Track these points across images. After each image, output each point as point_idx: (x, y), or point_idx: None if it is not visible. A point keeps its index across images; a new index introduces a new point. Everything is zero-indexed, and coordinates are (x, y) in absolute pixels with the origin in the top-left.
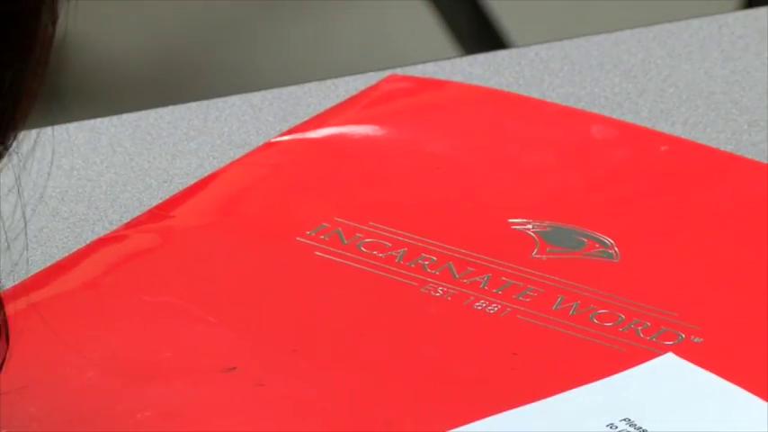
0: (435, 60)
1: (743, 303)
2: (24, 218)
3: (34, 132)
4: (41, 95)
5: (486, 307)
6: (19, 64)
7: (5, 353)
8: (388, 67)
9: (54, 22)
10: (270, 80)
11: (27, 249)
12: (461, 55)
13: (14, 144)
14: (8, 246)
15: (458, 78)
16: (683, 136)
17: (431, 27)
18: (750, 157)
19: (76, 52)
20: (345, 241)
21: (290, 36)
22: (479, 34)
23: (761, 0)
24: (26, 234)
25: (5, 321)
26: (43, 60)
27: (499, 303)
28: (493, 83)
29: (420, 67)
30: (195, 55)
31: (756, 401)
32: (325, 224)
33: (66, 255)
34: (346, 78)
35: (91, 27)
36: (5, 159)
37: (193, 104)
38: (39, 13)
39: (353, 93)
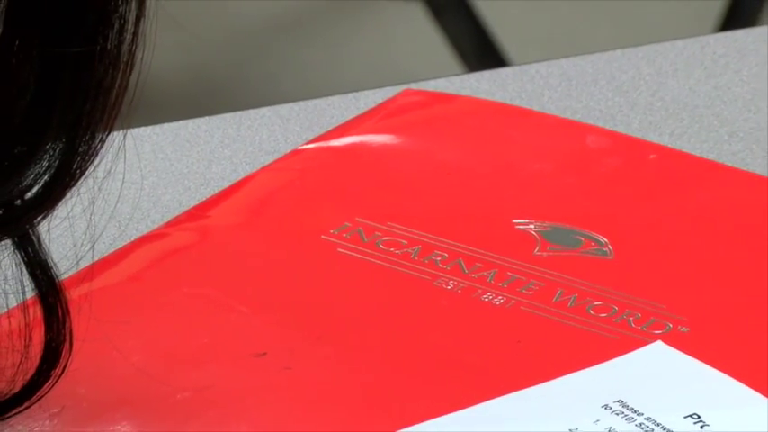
0: (445, 77)
1: (725, 296)
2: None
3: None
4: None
5: (492, 299)
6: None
7: (69, 356)
8: (403, 83)
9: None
10: (296, 94)
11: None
12: (468, 72)
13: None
14: (73, 244)
15: (466, 93)
16: (669, 145)
17: (440, 47)
18: (730, 164)
19: None
20: (365, 239)
21: (316, 55)
22: (483, 53)
23: (738, 23)
24: (93, 235)
25: (71, 331)
26: (119, 99)
27: (504, 296)
28: (498, 97)
29: (432, 82)
30: (229, 71)
31: (736, 385)
32: (347, 224)
33: (113, 250)
34: (366, 92)
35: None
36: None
37: (227, 115)
38: (119, 54)
39: (372, 105)
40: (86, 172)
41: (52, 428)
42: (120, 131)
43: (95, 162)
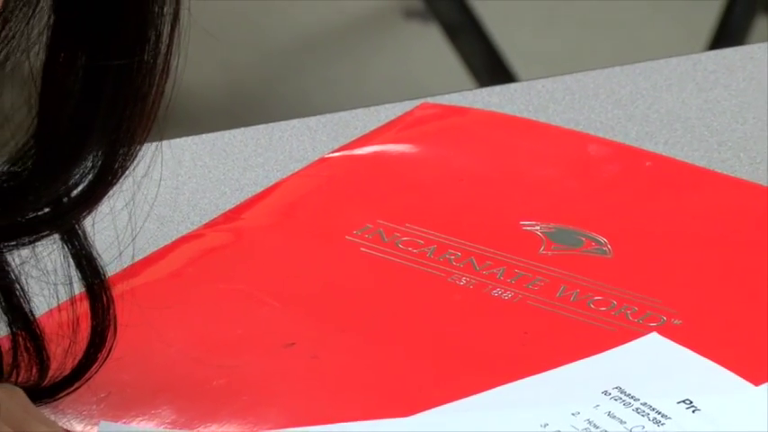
0: (459, 91)
1: (716, 291)
2: (132, 224)
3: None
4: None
5: (501, 294)
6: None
7: (114, 340)
8: (420, 97)
9: (166, 72)
10: (323, 107)
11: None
12: (479, 87)
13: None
14: (119, 244)
15: (478, 106)
16: (664, 154)
17: (455, 65)
18: (720, 171)
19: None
20: (386, 239)
21: (341, 71)
22: (494, 70)
23: (728, 42)
24: (134, 230)
25: (115, 317)
26: (156, 105)
27: (512, 291)
28: (507, 110)
29: (447, 96)
30: (262, 87)
31: (725, 373)
32: (368, 225)
33: (156, 249)
34: (386, 105)
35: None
36: (129, 172)
37: (260, 126)
38: (155, 64)
39: (392, 117)
40: (126, 171)
41: (99, 411)
42: (158, 135)
43: (135, 162)
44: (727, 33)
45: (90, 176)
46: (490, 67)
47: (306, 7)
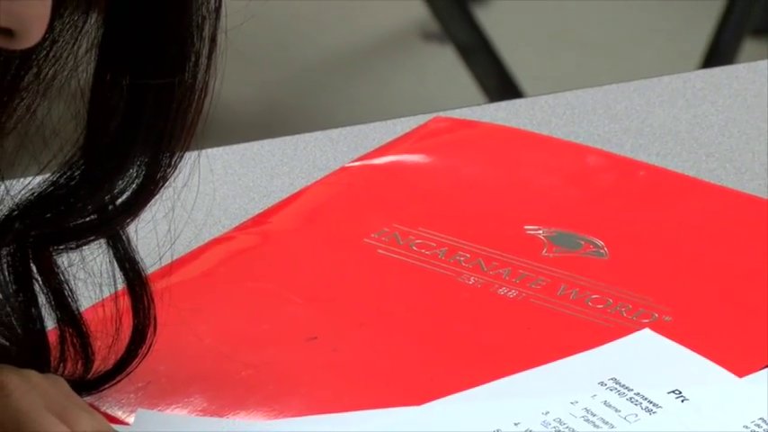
0: (469, 106)
1: (703, 290)
2: (171, 230)
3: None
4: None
5: (506, 293)
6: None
7: (153, 338)
8: (433, 111)
9: (205, 90)
10: (344, 120)
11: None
12: (488, 102)
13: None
14: (156, 243)
15: (486, 120)
16: (656, 164)
17: (467, 82)
18: (707, 180)
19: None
20: (401, 242)
21: (361, 88)
22: (503, 88)
23: (717, 62)
24: (173, 235)
25: (155, 317)
26: (197, 118)
27: (517, 290)
28: (513, 123)
29: (458, 111)
30: (288, 101)
31: (711, 366)
32: (385, 229)
33: (189, 251)
34: (402, 119)
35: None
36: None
37: (287, 138)
38: (194, 83)
39: (408, 130)
40: (168, 182)
41: (137, 400)
42: (196, 147)
43: (175, 173)
44: (717, 54)
45: (133, 186)
46: (500, 84)
47: (331, 30)
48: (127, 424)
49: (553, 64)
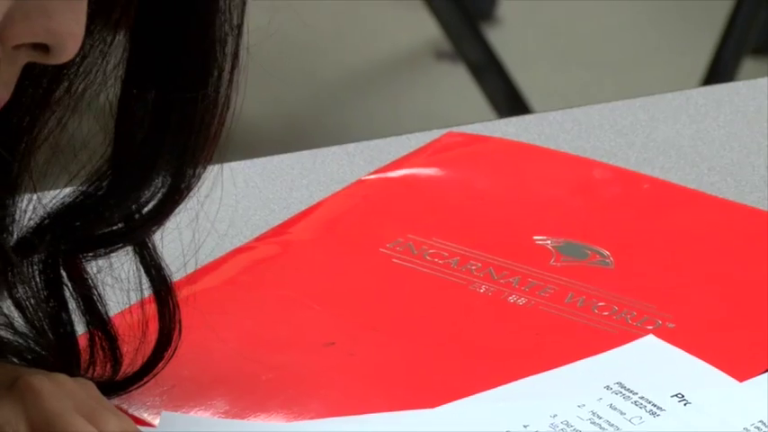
0: (480, 122)
1: (705, 299)
2: (195, 239)
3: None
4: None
5: (516, 300)
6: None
7: (178, 342)
8: (445, 126)
9: (227, 105)
10: (361, 135)
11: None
12: (498, 118)
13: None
14: (181, 250)
15: (497, 135)
16: (660, 177)
17: (478, 99)
18: (709, 193)
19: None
20: (415, 252)
21: (377, 104)
22: (512, 104)
23: (717, 79)
24: (197, 243)
25: (180, 321)
26: (219, 131)
27: (526, 297)
28: (522, 138)
29: (470, 126)
30: (307, 117)
31: (713, 370)
32: (400, 239)
33: (212, 259)
34: (416, 134)
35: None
36: (193, 193)
37: (305, 152)
38: (217, 97)
39: (421, 144)
40: (192, 191)
41: (162, 402)
42: (218, 159)
43: (198, 184)
44: (718, 72)
45: (159, 196)
46: (509, 101)
47: (347, 48)
48: (152, 425)
49: (560, 81)
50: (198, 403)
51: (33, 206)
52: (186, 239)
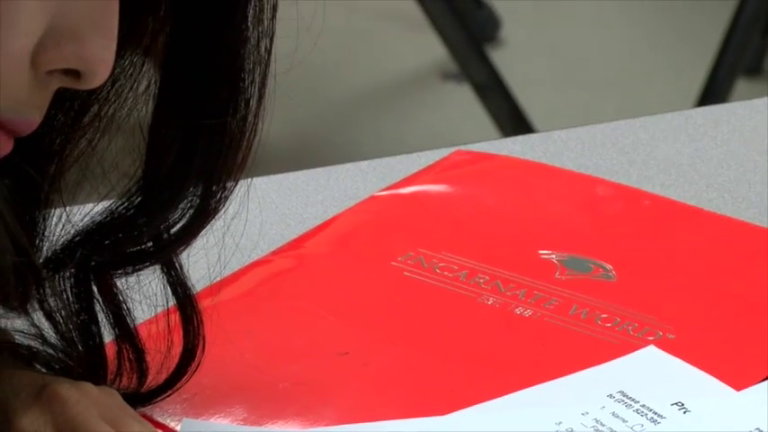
0: (487, 140)
1: (704, 311)
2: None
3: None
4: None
5: (522, 312)
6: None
7: (202, 356)
8: (451, 145)
9: (253, 130)
10: (372, 153)
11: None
12: (502, 137)
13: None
14: (209, 274)
15: (503, 153)
16: (660, 194)
17: (483, 118)
18: (707, 209)
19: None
20: (425, 265)
21: (388, 123)
22: (516, 123)
23: (710, 99)
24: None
25: (204, 337)
26: (246, 154)
27: (532, 309)
28: (528, 156)
29: (477, 144)
30: (321, 136)
31: (711, 380)
32: (410, 253)
33: (231, 273)
34: (426, 152)
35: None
36: (220, 214)
37: (320, 169)
38: (244, 124)
39: (431, 162)
40: (218, 213)
41: (183, 410)
42: (245, 182)
43: (225, 205)
44: (713, 92)
45: (187, 216)
46: (513, 120)
47: (358, 70)
48: (174, 431)
49: (561, 101)
50: (218, 411)
51: (63, 224)
52: (210, 253)
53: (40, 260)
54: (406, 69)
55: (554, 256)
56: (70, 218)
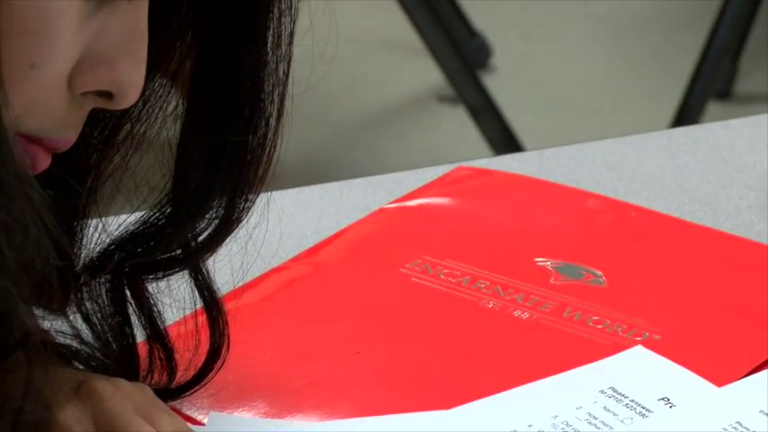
0: (486, 158)
1: (686, 314)
2: (243, 265)
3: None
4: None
5: (520, 314)
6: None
7: (227, 355)
8: (451, 161)
9: (273, 148)
10: (373, 169)
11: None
12: (494, 155)
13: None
14: (232, 275)
15: (501, 169)
16: (645, 206)
17: (474, 137)
18: (689, 221)
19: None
20: (431, 271)
21: (386, 142)
22: (506, 142)
23: (684, 121)
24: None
25: (229, 336)
26: (267, 169)
27: (529, 312)
28: (524, 172)
29: (477, 161)
30: (334, 154)
31: (694, 377)
32: (417, 260)
33: (252, 278)
34: (431, 168)
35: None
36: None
37: (333, 183)
38: (265, 141)
39: (435, 177)
40: (241, 223)
41: (210, 404)
42: (266, 195)
43: (248, 215)
44: (686, 115)
45: (212, 226)
46: (503, 140)
47: (361, 93)
48: (202, 424)
49: (548, 123)
50: (241, 405)
51: (99, 233)
52: (233, 260)
53: (79, 266)
54: (406, 93)
55: (549, 263)
56: (105, 227)
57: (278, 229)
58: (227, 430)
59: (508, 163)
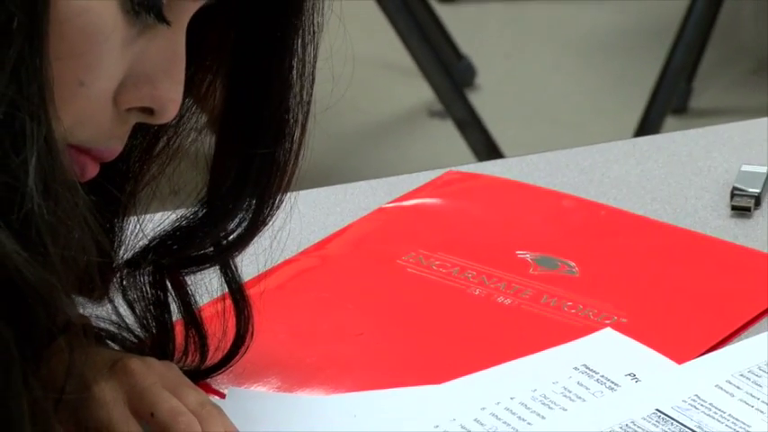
0: (473, 163)
1: (650, 300)
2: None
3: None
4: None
5: (503, 301)
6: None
7: (251, 340)
8: (447, 166)
9: (298, 157)
10: (375, 175)
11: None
12: (477, 162)
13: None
14: (258, 268)
15: (486, 173)
16: (613, 206)
17: (461, 147)
18: (653, 218)
19: None
20: (424, 263)
21: (381, 152)
22: (487, 151)
23: (645, 132)
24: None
25: (253, 324)
26: (291, 178)
27: (511, 299)
28: (507, 176)
29: (465, 166)
30: (337, 160)
31: (656, 355)
32: (412, 253)
33: (266, 269)
34: (424, 173)
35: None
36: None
37: (338, 186)
38: (290, 153)
39: (428, 180)
40: (268, 224)
41: (229, 380)
42: (289, 197)
43: (274, 217)
44: (646, 127)
45: (242, 227)
46: (486, 149)
47: (359, 108)
48: (222, 396)
49: (526, 135)
50: (257, 380)
51: (137, 232)
52: (259, 258)
53: (121, 261)
54: (401, 108)
55: (528, 255)
56: (143, 227)
57: (289, 226)
58: (245, 402)
59: (492, 168)
